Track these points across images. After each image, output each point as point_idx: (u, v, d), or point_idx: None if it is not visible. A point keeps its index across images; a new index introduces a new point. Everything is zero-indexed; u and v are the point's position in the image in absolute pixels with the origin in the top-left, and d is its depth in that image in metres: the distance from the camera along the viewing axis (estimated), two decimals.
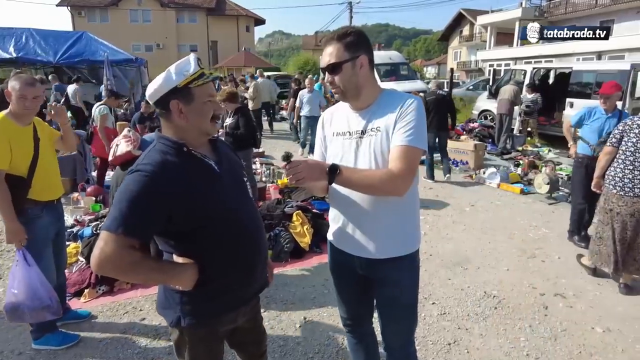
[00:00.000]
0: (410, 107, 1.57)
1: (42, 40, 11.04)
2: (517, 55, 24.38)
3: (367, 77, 1.63)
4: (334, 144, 1.73)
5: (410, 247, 1.71)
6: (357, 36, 1.61)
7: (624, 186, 3.31)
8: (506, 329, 3.02)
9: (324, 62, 1.62)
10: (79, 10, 35.56)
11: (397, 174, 1.51)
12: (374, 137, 1.61)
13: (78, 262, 3.76)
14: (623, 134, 3.35)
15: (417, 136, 1.54)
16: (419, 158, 1.58)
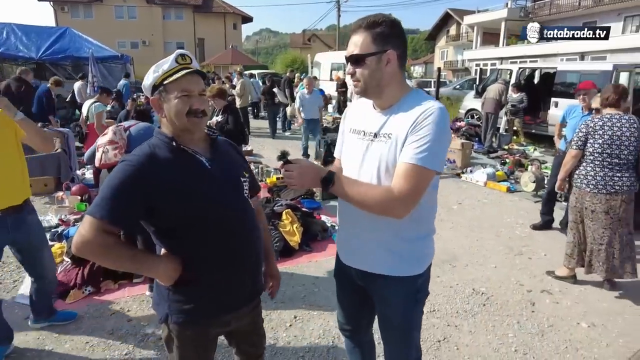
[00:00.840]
0: (428, 117, 1.36)
1: (24, 35, 10.82)
2: (503, 55, 24.71)
3: (394, 74, 1.46)
4: (349, 141, 1.62)
5: (407, 269, 1.55)
6: (388, 27, 1.42)
7: (597, 184, 3.34)
8: (495, 326, 3.06)
9: (348, 51, 1.47)
10: (62, 6, 34.82)
11: (396, 196, 1.35)
12: (383, 144, 1.46)
13: (63, 263, 3.69)
14: (588, 136, 3.38)
15: (430, 154, 1.34)
16: (428, 180, 1.38)
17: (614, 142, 3.27)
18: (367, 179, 1.48)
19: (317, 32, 62.72)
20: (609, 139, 3.28)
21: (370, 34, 1.42)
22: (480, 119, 10.84)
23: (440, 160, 1.39)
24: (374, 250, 1.55)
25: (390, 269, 1.54)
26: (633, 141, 3.27)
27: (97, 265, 3.56)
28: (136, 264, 1.44)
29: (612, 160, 3.30)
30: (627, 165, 3.31)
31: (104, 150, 3.15)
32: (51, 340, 2.83)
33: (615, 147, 3.27)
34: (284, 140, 10.86)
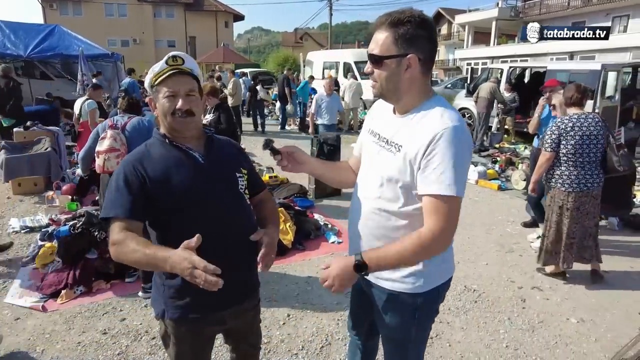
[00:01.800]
0: (443, 140, 1.24)
1: (12, 33, 10.65)
2: (494, 54, 24.93)
3: (414, 81, 1.33)
4: (366, 142, 1.56)
5: (403, 286, 1.45)
6: (414, 27, 1.27)
7: (572, 183, 3.45)
8: (486, 322, 3.09)
9: (369, 47, 1.35)
10: (51, 3, 34.34)
11: (431, 237, 1.26)
12: (391, 155, 1.38)
13: (54, 263, 3.65)
14: (560, 137, 3.44)
15: (452, 181, 1.24)
16: (457, 208, 1.28)
17: (584, 142, 3.38)
18: (372, 185, 1.46)
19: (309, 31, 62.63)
20: (579, 139, 3.38)
21: (392, 34, 1.29)
22: (471, 117, 10.92)
23: (463, 183, 1.28)
24: None
25: (387, 283, 1.48)
26: (600, 139, 3.42)
27: (89, 264, 3.54)
28: (149, 258, 1.33)
29: (584, 160, 3.41)
30: (596, 163, 3.46)
31: (106, 158, 3.17)
32: (42, 341, 2.81)
33: (586, 147, 3.39)
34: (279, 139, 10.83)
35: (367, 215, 1.48)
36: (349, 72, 14.12)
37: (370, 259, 1.32)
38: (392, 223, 1.41)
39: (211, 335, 1.67)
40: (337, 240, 4.46)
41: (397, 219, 1.40)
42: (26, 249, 4.19)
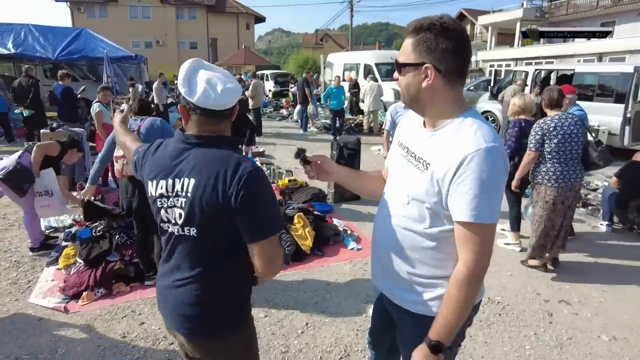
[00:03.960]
0: (474, 162, 1.15)
1: (41, 36, 10.98)
2: (518, 56, 24.37)
3: (436, 93, 1.25)
4: (394, 155, 1.50)
5: (422, 308, 1.40)
6: (434, 36, 1.19)
7: (557, 179, 3.67)
8: (511, 337, 2.98)
9: (398, 54, 1.31)
10: (79, 6, 35.38)
11: (471, 271, 1.20)
12: (419, 172, 1.30)
13: (76, 264, 3.70)
14: (544, 137, 3.66)
15: (485, 206, 1.17)
16: (491, 236, 1.22)
17: (566, 140, 3.63)
18: (397, 202, 1.39)
19: (329, 32, 62.63)
20: (562, 137, 3.62)
21: (413, 40, 1.24)
22: (495, 121, 10.69)
23: (497, 209, 1.20)
24: (396, 279, 1.44)
25: (407, 303, 1.42)
26: (580, 137, 3.69)
27: (110, 267, 3.58)
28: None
29: (567, 156, 3.66)
30: (577, 159, 3.73)
31: (125, 163, 3.26)
32: (64, 342, 2.84)
33: (567, 145, 3.64)
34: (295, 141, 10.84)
35: (391, 234, 1.41)
36: (370, 74, 14.02)
37: (439, 334, 1.26)
38: (417, 244, 1.34)
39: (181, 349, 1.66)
40: (356, 247, 4.39)
41: (422, 240, 1.33)
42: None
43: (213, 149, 1.34)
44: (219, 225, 1.31)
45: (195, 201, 1.29)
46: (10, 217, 5.10)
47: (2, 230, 4.74)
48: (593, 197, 6.23)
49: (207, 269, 1.37)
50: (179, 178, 1.34)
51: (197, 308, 1.38)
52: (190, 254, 1.37)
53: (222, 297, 1.41)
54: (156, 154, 1.46)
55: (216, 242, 1.35)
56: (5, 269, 3.84)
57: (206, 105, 1.30)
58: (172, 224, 1.38)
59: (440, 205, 1.26)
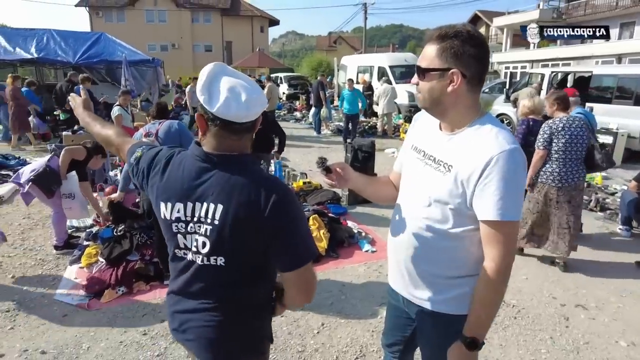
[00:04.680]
0: (499, 163, 1.21)
1: (62, 41, 11.25)
2: (533, 57, 24.08)
3: (459, 97, 1.30)
4: (409, 159, 1.52)
5: (446, 307, 1.42)
6: (460, 42, 1.24)
7: (562, 179, 3.84)
8: (526, 340, 2.98)
9: (418, 59, 1.35)
10: (97, 11, 36.19)
11: (497, 269, 1.26)
12: (440, 174, 1.34)
13: (98, 263, 3.81)
14: (552, 136, 3.82)
15: (511, 204, 1.22)
16: (515, 232, 1.30)
17: (573, 140, 3.79)
18: (418, 204, 1.42)
19: (343, 35, 62.69)
20: (569, 138, 3.78)
21: (437, 47, 1.28)
22: (510, 124, 10.59)
23: (521, 206, 1.29)
24: (416, 281, 1.47)
25: (428, 303, 1.45)
26: (585, 139, 3.85)
27: (130, 266, 3.68)
28: None
29: (572, 157, 3.82)
30: (581, 159, 3.89)
31: None
32: (88, 338, 2.93)
33: (574, 145, 3.80)
34: (309, 143, 10.90)
35: (411, 236, 1.44)
36: (383, 77, 14.02)
37: (473, 331, 1.32)
38: (440, 245, 1.37)
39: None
40: (371, 249, 4.42)
41: (445, 241, 1.36)
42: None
43: (239, 170, 1.22)
44: (250, 253, 1.24)
45: (225, 229, 1.19)
46: (34, 217, 5.26)
47: (27, 229, 4.90)
48: (611, 201, 6.14)
49: (233, 295, 1.31)
50: (201, 203, 1.22)
51: (224, 333, 1.32)
52: (215, 282, 1.29)
53: (249, 323, 1.35)
54: (169, 171, 1.31)
55: (244, 269, 1.28)
56: (32, 267, 3.98)
57: (226, 116, 1.17)
58: (192, 252, 1.28)
59: (465, 205, 1.30)
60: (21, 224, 5.02)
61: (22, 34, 11.40)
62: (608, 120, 8.72)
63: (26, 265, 4.02)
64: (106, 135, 1.63)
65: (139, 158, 1.41)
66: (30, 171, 4.03)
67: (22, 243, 4.52)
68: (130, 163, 1.44)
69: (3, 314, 3.21)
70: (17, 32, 11.87)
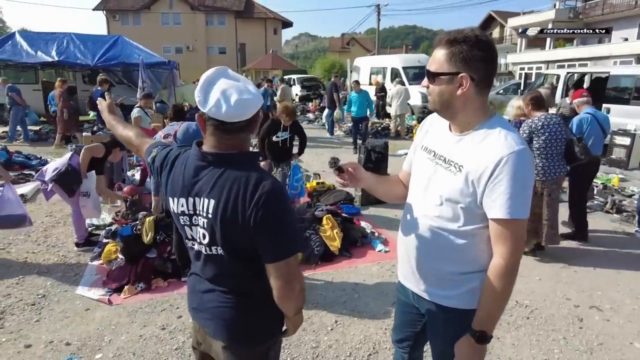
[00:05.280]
0: (509, 164, 1.25)
1: (82, 44, 11.55)
2: (549, 58, 23.76)
3: (468, 100, 1.34)
4: (419, 158, 1.56)
5: (456, 302, 1.46)
6: (469, 47, 1.28)
7: (545, 173, 4.09)
8: (539, 340, 2.99)
9: (428, 63, 1.40)
10: (114, 14, 36.88)
11: (505, 265, 1.30)
12: (451, 174, 1.37)
13: (117, 260, 3.93)
14: (532, 134, 4.06)
15: (520, 203, 1.27)
16: (523, 229, 1.34)
17: (552, 137, 4.03)
18: (429, 204, 1.46)
19: (356, 36, 62.67)
20: (548, 135, 4.02)
21: (447, 51, 1.32)
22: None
23: (529, 205, 1.32)
24: (427, 277, 1.52)
25: (439, 298, 1.50)
26: (562, 135, 4.10)
27: (149, 263, 3.79)
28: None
29: (553, 152, 4.06)
30: (561, 154, 4.13)
31: None
32: (109, 332, 3.04)
33: (553, 141, 4.04)
34: (322, 144, 10.97)
35: (422, 234, 1.48)
36: (397, 78, 14.01)
37: (482, 324, 1.36)
38: (451, 242, 1.42)
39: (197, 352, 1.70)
40: (384, 249, 4.46)
41: (456, 238, 1.41)
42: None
43: (230, 167, 1.30)
44: (243, 244, 1.30)
45: (217, 223, 1.28)
46: (56, 215, 5.43)
47: (50, 227, 5.06)
48: (628, 204, 6.07)
49: (242, 282, 1.39)
50: (199, 198, 1.32)
51: (239, 315, 1.40)
52: (223, 270, 1.38)
53: (261, 308, 1.41)
54: (174, 170, 1.41)
55: (246, 259, 1.34)
56: (55, 263, 4.12)
57: (217, 116, 1.25)
58: (197, 243, 1.38)
59: (475, 204, 1.35)
60: (44, 222, 5.18)
61: (44, 38, 11.74)
62: (626, 121, 8.59)
63: (49, 261, 4.17)
64: (127, 136, 1.75)
65: (154, 157, 1.52)
66: (53, 170, 4.18)
67: (45, 240, 4.68)
68: (148, 163, 1.56)
69: (29, 307, 3.34)
70: (38, 36, 12.23)
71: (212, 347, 1.49)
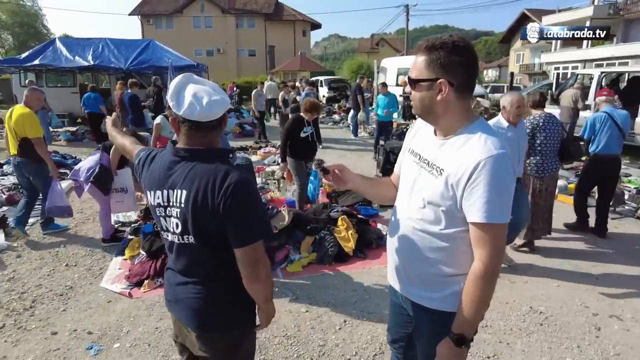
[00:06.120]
0: (486, 168, 1.26)
1: (116, 48, 12.09)
2: (586, 57, 22.79)
3: (449, 105, 1.36)
4: (406, 161, 1.58)
5: (438, 304, 1.48)
6: (447, 53, 1.31)
7: (544, 170, 4.25)
8: (551, 347, 2.92)
9: (410, 70, 1.43)
10: (148, 19, 38.17)
11: (484, 269, 1.32)
12: (433, 178, 1.40)
13: (139, 255, 4.11)
14: (534, 131, 4.19)
15: (497, 207, 1.28)
16: (503, 234, 1.34)
17: (549, 135, 4.18)
18: (413, 206, 1.49)
19: (385, 37, 62.21)
20: (548, 133, 4.17)
21: (426, 58, 1.34)
22: None
23: (508, 210, 1.32)
24: (412, 279, 1.54)
25: (423, 300, 1.52)
26: (559, 133, 4.27)
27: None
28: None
29: (550, 149, 4.23)
30: (556, 152, 4.30)
31: None
32: (128, 323, 3.20)
33: (550, 139, 4.19)
34: (344, 145, 10.98)
35: (407, 236, 1.52)
36: None
37: (461, 328, 1.38)
38: (433, 245, 1.44)
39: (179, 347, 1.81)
40: None
41: (437, 241, 1.43)
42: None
43: (201, 161, 1.42)
44: (213, 233, 1.39)
45: (188, 211, 1.38)
46: (86, 212, 5.73)
47: (80, 223, 5.35)
48: None
49: (212, 271, 1.49)
50: (173, 190, 1.43)
51: (208, 304, 1.50)
52: (194, 259, 1.48)
53: (229, 296, 1.51)
54: (152, 166, 1.55)
55: (215, 247, 1.43)
56: (82, 257, 4.36)
57: (191, 117, 1.38)
58: (171, 233, 1.48)
59: (455, 207, 1.36)
60: (75, 218, 5.46)
61: (81, 44, 12.37)
62: None
63: (78, 255, 4.41)
64: (122, 144, 1.94)
65: (139, 159, 1.66)
66: (86, 169, 4.40)
67: (75, 235, 4.95)
68: (135, 166, 1.70)
69: (58, 298, 3.56)
70: (77, 41, 12.90)
71: (188, 338, 1.60)
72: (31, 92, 4.79)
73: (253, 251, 1.39)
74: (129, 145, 1.88)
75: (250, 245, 1.38)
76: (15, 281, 3.86)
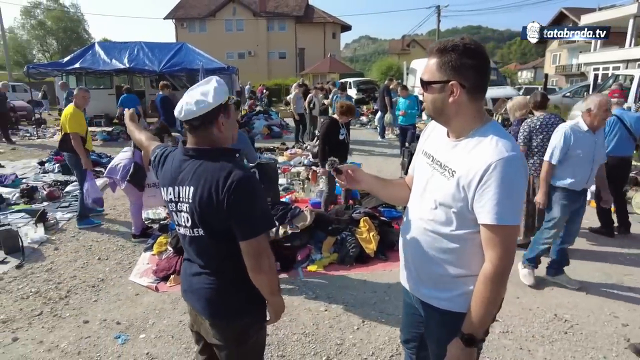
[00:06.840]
0: (497, 170, 1.27)
1: (150, 52, 12.54)
2: (629, 57, 21.76)
3: (460, 107, 1.37)
4: (419, 163, 1.60)
5: (448, 304, 1.49)
6: (458, 56, 1.32)
7: (537, 170, 4.18)
8: (575, 357, 2.84)
9: (422, 72, 1.45)
10: (182, 22, 39.32)
11: (494, 271, 1.33)
12: (445, 179, 1.41)
13: (167, 251, 4.26)
14: (531, 134, 4.21)
15: (509, 209, 1.29)
16: (514, 236, 1.36)
17: (548, 137, 3.95)
18: (425, 207, 1.50)
19: (416, 38, 61.51)
20: (547, 134, 4.06)
21: (438, 60, 1.36)
22: None
23: (519, 212, 1.34)
24: (423, 279, 1.56)
25: (434, 300, 1.53)
26: None
27: None
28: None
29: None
30: None
31: None
32: (153, 315, 3.34)
33: (547, 141, 3.96)
34: (370, 147, 10.94)
35: (418, 236, 1.53)
36: None
37: (471, 328, 1.39)
38: (444, 245, 1.46)
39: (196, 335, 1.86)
40: None
41: (448, 242, 1.44)
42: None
43: (208, 159, 1.51)
44: (219, 226, 1.48)
45: (195, 207, 1.48)
46: (118, 208, 5.98)
47: (112, 219, 5.60)
48: None
49: (221, 262, 1.57)
50: (182, 186, 1.53)
51: (218, 294, 1.58)
52: (205, 250, 1.57)
53: (235, 286, 1.58)
54: (165, 164, 1.68)
55: (222, 240, 1.51)
56: (114, 251, 4.57)
57: (179, 117, 1.52)
58: (183, 227, 1.58)
59: (466, 209, 1.37)
60: (108, 214, 5.73)
61: (118, 47, 12.91)
62: None
63: (109, 249, 4.62)
64: (140, 139, 2.09)
65: (155, 156, 1.80)
66: (121, 168, 4.61)
67: (108, 230, 5.19)
68: (152, 162, 1.83)
69: (90, 289, 3.76)
70: (113, 45, 13.46)
71: (203, 326, 1.67)
72: (78, 92, 5.10)
73: (257, 243, 1.46)
74: (146, 141, 2.03)
75: (253, 238, 1.46)
76: (53, 272, 4.09)
